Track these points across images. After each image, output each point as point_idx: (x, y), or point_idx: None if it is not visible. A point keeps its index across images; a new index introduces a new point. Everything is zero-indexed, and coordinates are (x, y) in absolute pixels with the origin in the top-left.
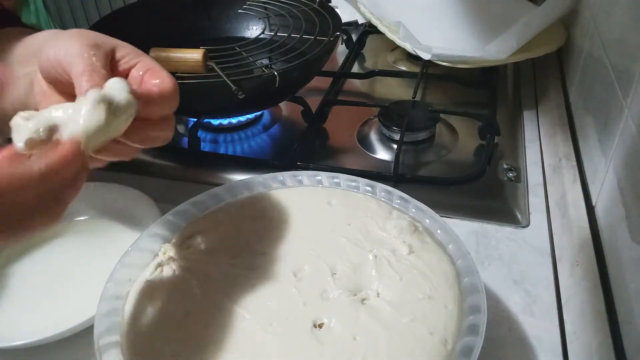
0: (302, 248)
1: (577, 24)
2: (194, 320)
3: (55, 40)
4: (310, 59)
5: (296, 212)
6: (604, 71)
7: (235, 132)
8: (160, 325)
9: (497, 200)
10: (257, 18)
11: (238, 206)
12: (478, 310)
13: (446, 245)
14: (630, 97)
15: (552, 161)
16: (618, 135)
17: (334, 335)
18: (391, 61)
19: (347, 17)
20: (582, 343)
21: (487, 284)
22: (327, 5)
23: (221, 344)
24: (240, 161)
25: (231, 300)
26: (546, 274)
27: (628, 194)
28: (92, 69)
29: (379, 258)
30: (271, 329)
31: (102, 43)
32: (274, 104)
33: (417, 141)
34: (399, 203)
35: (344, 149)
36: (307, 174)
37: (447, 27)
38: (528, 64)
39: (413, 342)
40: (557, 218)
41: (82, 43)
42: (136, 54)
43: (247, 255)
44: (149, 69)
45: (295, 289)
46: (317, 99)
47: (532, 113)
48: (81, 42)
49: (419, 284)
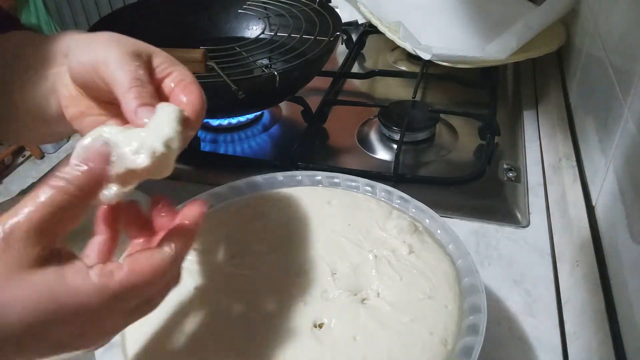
0: (302, 248)
1: (577, 24)
2: (193, 320)
3: (87, 43)
4: (310, 59)
5: (296, 212)
6: (604, 71)
7: (235, 132)
8: (160, 325)
9: (497, 200)
10: (257, 18)
11: (238, 206)
12: (478, 310)
13: (446, 245)
14: (630, 97)
15: (552, 161)
16: (618, 135)
17: (334, 335)
18: (391, 61)
19: (347, 17)
20: (582, 343)
21: (487, 284)
22: (327, 5)
23: (221, 344)
24: (240, 161)
25: (231, 300)
26: (546, 274)
27: (628, 194)
28: (140, 84)
29: (379, 258)
30: (271, 329)
31: (141, 51)
32: (274, 104)
33: (417, 141)
34: (399, 203)
35: (344, 149)
36: (306, 174)
37: (447, 27)
38: (528, 64)
39: (413, 342)
40: (557, 218)
41: (123, 51)
42: (171, 62)
43: (247, 255)
44: (181, 80)
45: (295, 289)
46: (317, 99)
47: (532, 113)
48: (121, 49)
49: (419, 284)
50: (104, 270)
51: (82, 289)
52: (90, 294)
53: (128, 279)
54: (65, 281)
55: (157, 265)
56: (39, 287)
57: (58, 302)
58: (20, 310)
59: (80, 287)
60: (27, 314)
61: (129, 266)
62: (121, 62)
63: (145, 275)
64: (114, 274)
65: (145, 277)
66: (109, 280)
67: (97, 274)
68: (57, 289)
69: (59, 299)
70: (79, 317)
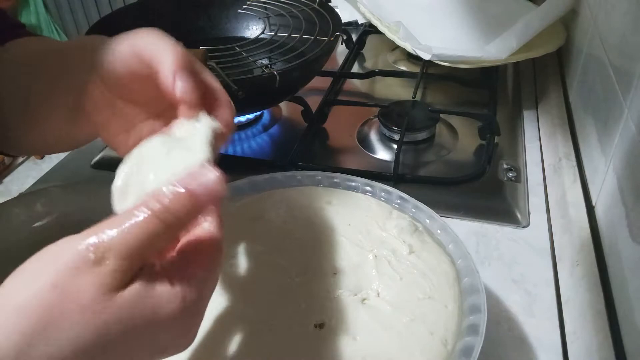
0: (302, 248)
1: (577, 24)
2: None
3: (121, 36)
4: (310, 59)
5: (296, 212)
6: (604, 71)
7: (235, 132)
8: None
9: (497, 200)
10: (257, 18)
11: (238, 206)
12: (478, 310)
13: (446, 245)
14: (630, 97)
15: (552, 161)
16: (618, 135)
17: (334, 335)
18: (391, 61)
19: (347, 17)
20: (582, 343)
21: (487, 284)
22: (327, 5)
23: (221, 344)
24: (240, 161)
25: (231, 300)
26: (546, 274)
27: (628, 194)
28: (187, 64)
29: (379, 258)
30: (271, 329)
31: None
32: (274, 104)
33: (417, 141)
34: (399, 203)
35: (344, 149)
36: (306, 174)
37: (447, 27)
38: (528, 64)
39: (413, 342)
40: (557, 218)
41: (164, 35)
42: (201, 66)
43: (247, 255)
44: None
45: (295, 289)
46: (317, 99)
47: (532, 113)
48: (162, 34)
49: (419, 284)
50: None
51: (170, 299)
52: (177, 303)
53: (204, 275)
54: (151, 296)
55: (214, 247)
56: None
57: (148, 317)
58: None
59: (165, 299)
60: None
61: (197, 264)
62: (167, 42)
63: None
64: (190, 278)
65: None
66: (189, 286)
67: (178, 281)
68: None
69: (147, 313)
70: (173, 325)
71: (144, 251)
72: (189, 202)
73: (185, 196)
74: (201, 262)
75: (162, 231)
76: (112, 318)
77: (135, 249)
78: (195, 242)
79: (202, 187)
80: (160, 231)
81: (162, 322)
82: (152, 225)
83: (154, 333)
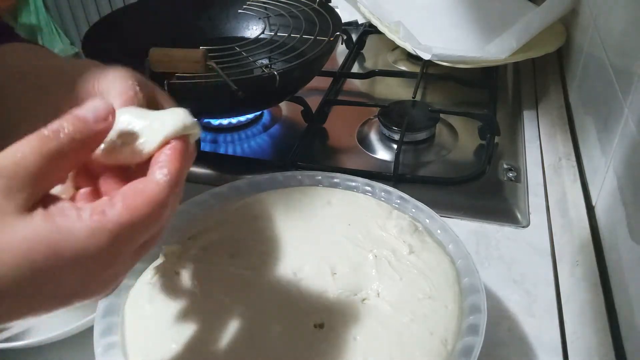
0: (302, 248)
1: (577, 24)
2: (193, 320)
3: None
4: (310, 59)
5: (296, 212)
6: (604, 71)
7: (235, 132)
8: (160, 325)
9: (497, 200)
10: (257, 18)
11: (238, 206)
12: (478, 310)
13: (446, 245)
14: (630, 97)
15: (552, 161)
16: (618, 135)
17: (334, 335)
18: (391, 61)
19: (347, 17)
20: (582, 343)
21: (487, 284)
22: (327, 5)
23: (221, 345)
24: (240, 161)
25: (231, 300)
26: (546, 274)
27: (628, 194)
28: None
29: (379, 258)
30: (271, 329)
31: (146, 84)
32: (274, 104)
33: (417, 141)
34: (399, 203)
35: (344, 149)
36: (306, 174)
37: (447, 27)
38: (528, 64)
39: (413, 342)
40: (557, 218)
41: (124, 72)
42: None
43: (247, 255)
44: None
45: (295, 289)
46: (317, 99)
47: (532, 113)
48: (122, 71)
49: (419, 284)
50: (95, 209)
51: (75, 232)
52: (85, 236)
53: (125, 217)
54: (56, 225)
55: (155, 197)
56: (29, 233)
57: (51, 247)
58: (12, 260)
59: (72, 229)
60: (20, 263)
61: (123, 202)
62: (121, 76)
63: (143, 210)
64: (107, 213)
65: (143, 212)
66: (102, 219)
67: (88, 214)
68: (49, 234)
69: (51, 244)
70: (78, 263)
71: (38, 171)
72: (77, 121)
73: (71, 117)
74: (127, 204)
75: (55, 150)
76: (7, 247)
77: (28, 168)
78: (131, 186)
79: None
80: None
81: (66, 258)
82: (44, 145)
83: (58, 270)
